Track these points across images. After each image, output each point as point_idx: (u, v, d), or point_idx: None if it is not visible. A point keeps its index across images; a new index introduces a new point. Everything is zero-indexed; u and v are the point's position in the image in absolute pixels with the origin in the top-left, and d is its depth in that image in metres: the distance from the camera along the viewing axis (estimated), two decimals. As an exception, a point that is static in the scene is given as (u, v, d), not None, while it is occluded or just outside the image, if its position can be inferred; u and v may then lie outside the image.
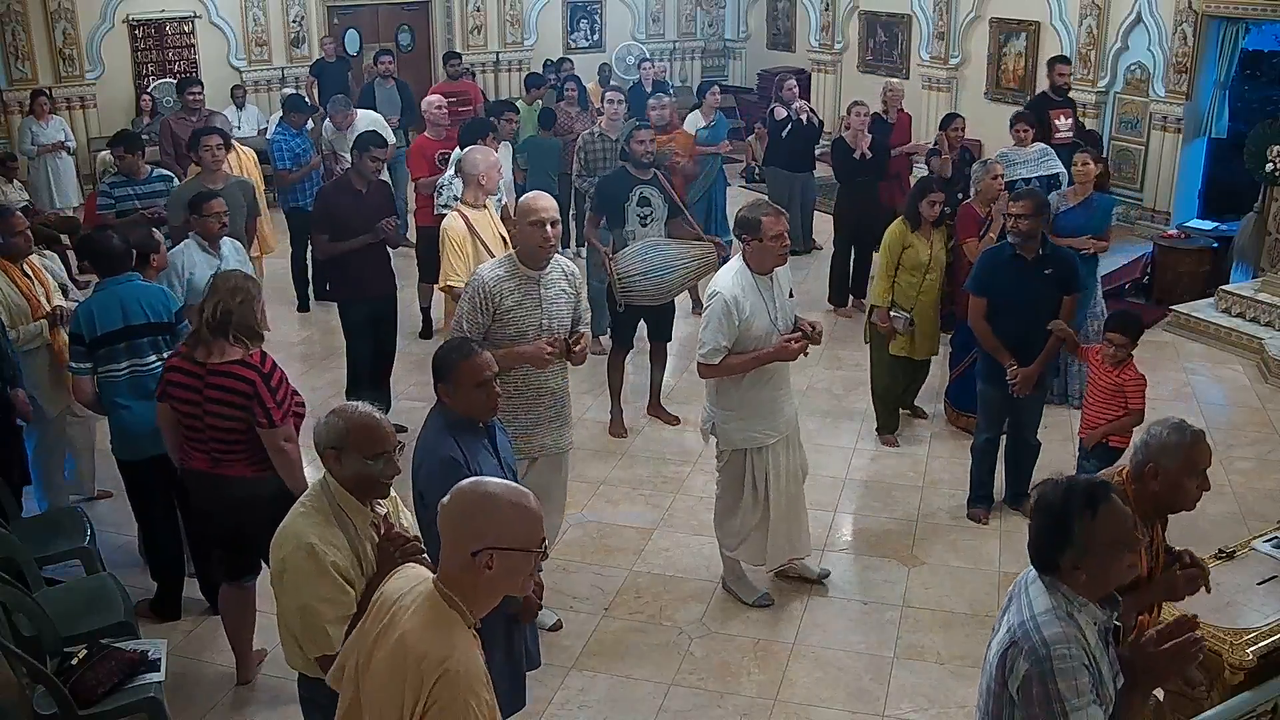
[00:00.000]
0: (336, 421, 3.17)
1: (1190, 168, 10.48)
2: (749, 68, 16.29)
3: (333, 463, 3.16)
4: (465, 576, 2.40)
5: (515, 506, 2.43)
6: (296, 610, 3.09)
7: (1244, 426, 7.02)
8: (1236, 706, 3.60)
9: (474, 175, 6.04)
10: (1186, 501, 3.36)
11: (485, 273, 4.63)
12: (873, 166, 8.82)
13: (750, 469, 5.01)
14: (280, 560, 3.11)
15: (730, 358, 4.78)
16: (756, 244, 4.76)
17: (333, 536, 3.11)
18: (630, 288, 6.48)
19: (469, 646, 2.40)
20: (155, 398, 4.52)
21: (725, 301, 4.72)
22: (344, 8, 14.02)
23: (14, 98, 11.59)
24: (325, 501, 3.16)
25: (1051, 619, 2.57)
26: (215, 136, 6.94)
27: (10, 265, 5.48)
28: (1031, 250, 5.55)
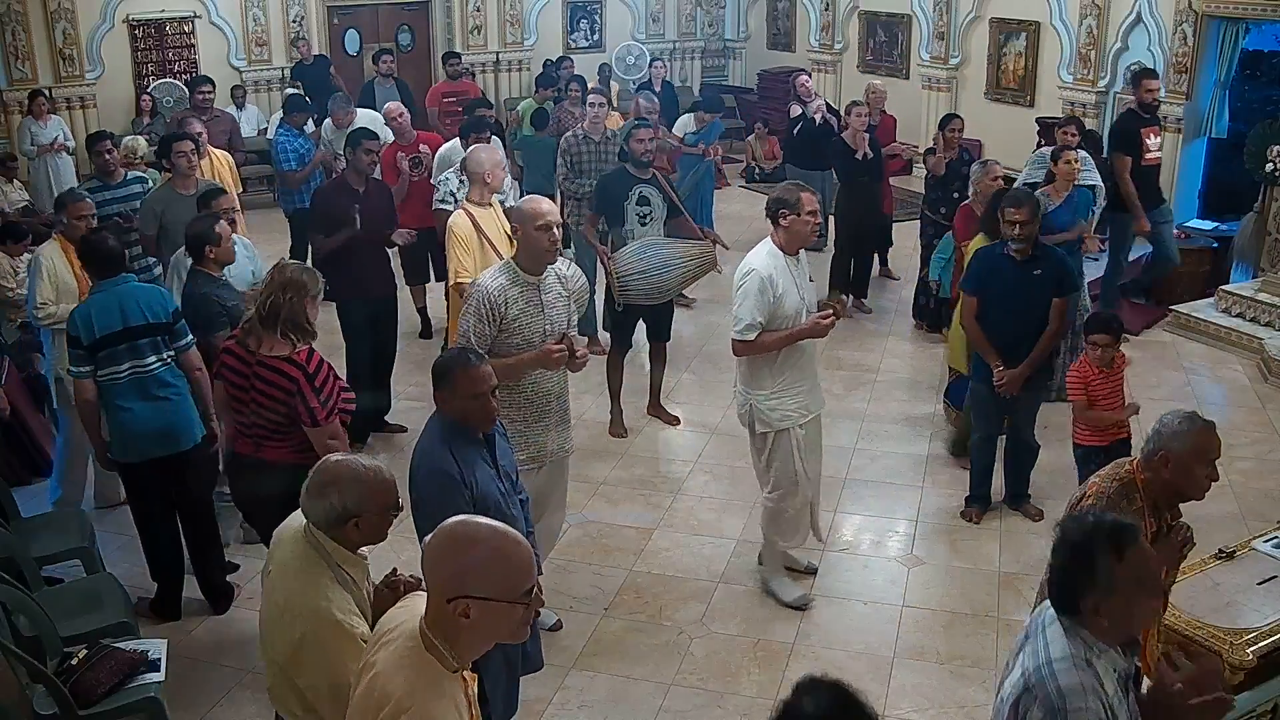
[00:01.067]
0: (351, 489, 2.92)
1: (1190, 168, 10.48)
2: (749, 68, 16.29)
3: (351, 529, 2.95)
4: (446, 621, 2.28)
5: (497, 552, 2.26)
6: (326, 686, 2.92)
7: (1244, 426, 7.02)
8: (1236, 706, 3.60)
9: (479, 173, 6.03)
10: (1196, 489, 3.42)
11: (488, 283, 4.53)
12: (873, 167, 8.82)
13: (796, 450, 5.07)
14: (298, 635, 2.92)
15: (764, 335, 4.85)
16: (794, 219, 4.82)
17: (345, 603, 2.94)
18: (628, 287, 6.48)
19: (439, 692, 2.28)
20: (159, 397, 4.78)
21: (761, 279, 4.79)
22: (344, 8, 14.01)
23: (14, 98, 11.58)
24: (323, 564, 2.96)
25: (1069, 667, 2.48)
26: (188, 142, 6.79)
27: (70, 247, 5.58)
28: (1025, 251, 5.56)
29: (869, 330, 8.67)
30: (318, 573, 2.94)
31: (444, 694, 2.29)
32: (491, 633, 2.32)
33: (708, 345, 8.31)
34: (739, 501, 6.03)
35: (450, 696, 2.31)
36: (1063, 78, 11.21)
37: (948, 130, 8.56)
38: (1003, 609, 5.17)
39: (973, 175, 7.26)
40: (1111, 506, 3.37)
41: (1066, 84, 11.17)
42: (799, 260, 4.97)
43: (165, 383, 4.92)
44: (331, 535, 2.96)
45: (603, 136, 8.13)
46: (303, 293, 4.33)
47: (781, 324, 4.86)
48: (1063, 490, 5.54)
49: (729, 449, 6.53)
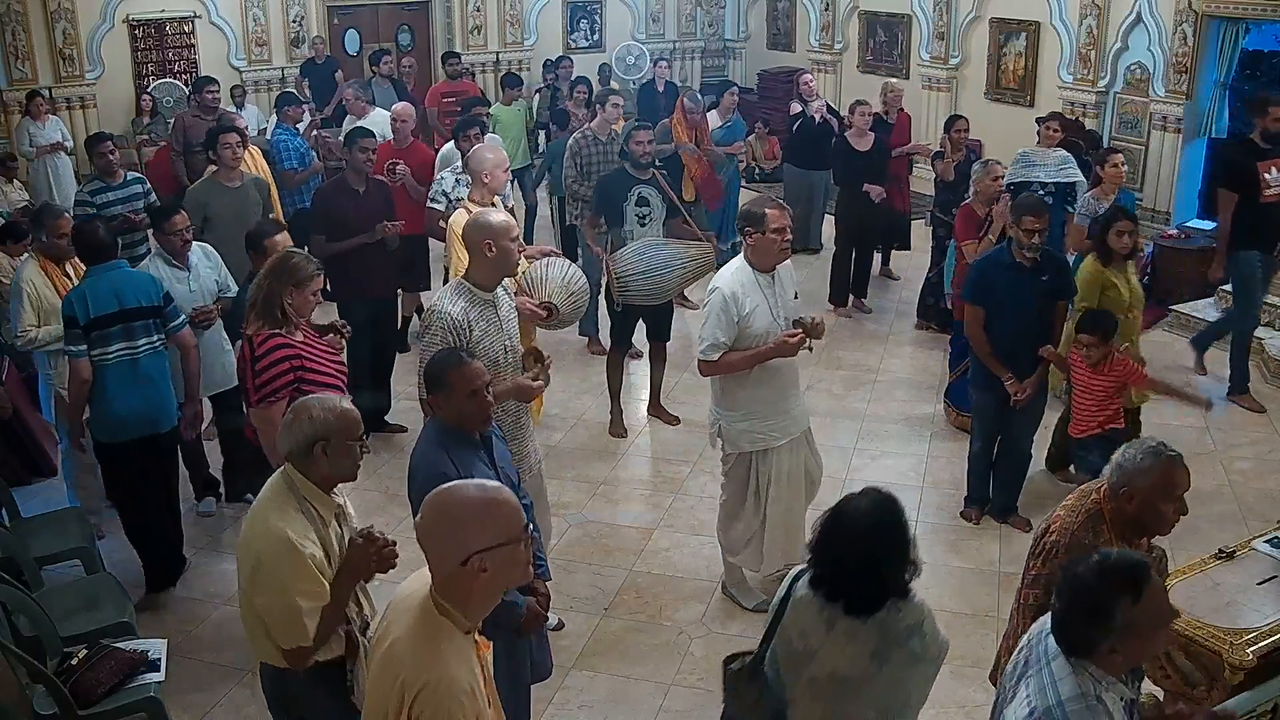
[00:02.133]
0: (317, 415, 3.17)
1: (1190, 168, 10.47)
2: (749, 68, 16.28)
3: (318, 456, 3.16)
4: (459, 584, 2.38)
5: (487, 503, 2.40)
6: (276, 605, 3.10)
7: (1244, 426, 7.02)
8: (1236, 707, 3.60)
9: (479, 173, 6.02)
10: (1162, 526, 3.24)
11: (448, 307, 4.32)
12: (874, 168, 8.81)
13: (755, 473, 4.98)
14: (254, 555, 3.11)
15: (729, 354, 4.75)
16: (759, 237, 4.73)
17: (304, 529, 3.13)
18: (628, 287, 6.48)
19: (457, 655, 2.38)
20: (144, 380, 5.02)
21: (724, 297, 4.70)
22: (344, 8, 14.02)
23: (14, 98, 11.58)
24: (290, 495, 3.17)
25: (1082, 709, 2.43)
26: (234, 134, 6.89)
27: (52, 265, 5.62)
28: (1036, 259, 5.50)
29: (869, 330, 8.67)
30: (282, 501, 3.16)
31: (458, 655, 2.38)
32: (504, 579, 2.43)
33: (708, 345, 8.31)
34: (739, 501, 6.03)
35: (466, 659, 2.40)
36: (1063, 78, 11.21)
37: (953, 131, 8.54)
38: (1002, 609, 5.15)
39: (974, 175, 7.25)
40: (1077, 541, 3.24)
41: (1066, 84, 11.16)
42: (774, 277, 4.83)
43: (150, 367, 5.10)
44: (301, 469, 3.17)
45: (609, 137, 8.09)
46: (283, 279, 4.36)
47: (751, 343, 4.73)
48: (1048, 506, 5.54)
49: (729, 449, 6.53)
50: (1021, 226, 5.45)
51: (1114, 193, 7.04)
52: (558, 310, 5.40)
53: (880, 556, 2.93)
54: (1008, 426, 5.79)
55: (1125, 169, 7.09)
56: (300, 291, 4.38)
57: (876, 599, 2.93)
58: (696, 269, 6.56)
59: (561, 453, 6.78)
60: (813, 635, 3.01)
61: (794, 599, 3.09)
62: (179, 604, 5.30)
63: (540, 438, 6.56)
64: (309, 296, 4.43)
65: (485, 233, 4.35)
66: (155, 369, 5.11)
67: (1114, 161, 7.07)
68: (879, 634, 2.93)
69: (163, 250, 5.68)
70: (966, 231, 6.88)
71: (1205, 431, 6.85)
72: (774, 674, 3.12)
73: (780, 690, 3.10)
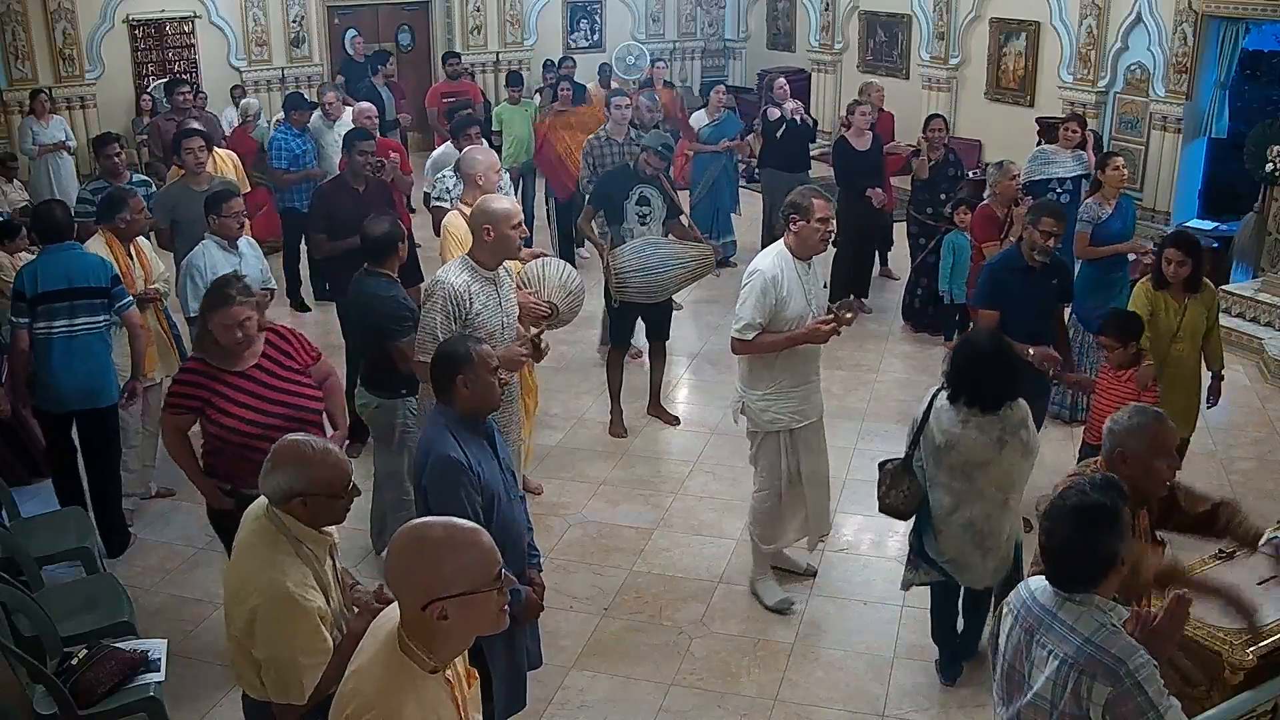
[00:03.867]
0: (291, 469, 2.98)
1: (1190, 168, 10.48)
2: (749, 68, 16.29)
3: (298, 509, 3.00)
4: (422, 627, 2.27)
5: (459, 547, 2.27)
6: (275, 661, 2.98)
7: (1244, 426, 7.02)
8: (1236, 706, 3.60)
9: (472, 174, 6.03)
10: (1158, 483, 3.43)
11: (452, 279, 4.60)
12: (874, 167, 8.81)
13: (785, 452, 5.07)
14: (250, 608, 2.96)
15: (763, 336, 4.86)
16: (804, 225, 4.83)
17: (304, 577, 2.97)
18: (625, 285, 6.49)
19: (414, 693, 2.29)
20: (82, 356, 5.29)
21: (765, 279, 4.80)
22: (344, 8, 14.02)
23: (14, 98, 11.59)
24: (281, 539, 3.00)
25: (1109, 635, 2.59)
26: (197, 138, 6.90)
27: (116, 241, 5.81)
28: (1041, 261, 5.48)
29: (869, 330, 8.66)
30: (275, 547, 2.99)
31: (415, 695, 2.29)
32: (471, 628, 2.32)
33: (708, 345, 8.31)
34: (739, 501, 6.02)
35: (424, 698, 2.30)
36: (1063, 78, 11.21)
37: (929, 130, 8.46)
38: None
39: (990, 177, 7.18)
40: None
41: (1066, 84, 11.17)
42: (810, 266, 4.97)
43: (89, 344, 5.37)
44: (285, 511, 3.01)
45: (626, 138, 8.05)
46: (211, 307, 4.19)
47: (784, 327, 4.86)
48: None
49: (729, 449, 6.53)
50: (1039, 227, 5.39)
51: (1115, 196, 6.93)
52: (557, 308, 5.43)
53: (1001, 368, 4.32)
54: None
55: (1126, 171, 7.00)
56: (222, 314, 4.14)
57: (999, 400, 4.27)
58: (694, 270, 6.56)
59: (561, 453, 6.78)
60: (952, 432, 4.32)
61: (935, 410, 4.39)
62: (179, 604, 5.30)
63: (540, 438, 6.61)
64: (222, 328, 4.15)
65: (485, 218, 4.64)
66: (95, 346, 5.39)
67: (1114, 165, 6.89)
68: (1000, 426, 4.27)
69: (216, 234, 5.85)
70: (986, 233, 6.77)
71: (1205, 431, 6.85)
72: (919, 468, 4.45)
73: (923, 479, 4.44)
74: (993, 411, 4.26)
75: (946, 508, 4.39)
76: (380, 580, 3.32)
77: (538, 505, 6.04)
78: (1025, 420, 4.30)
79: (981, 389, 4.28)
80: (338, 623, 3.10)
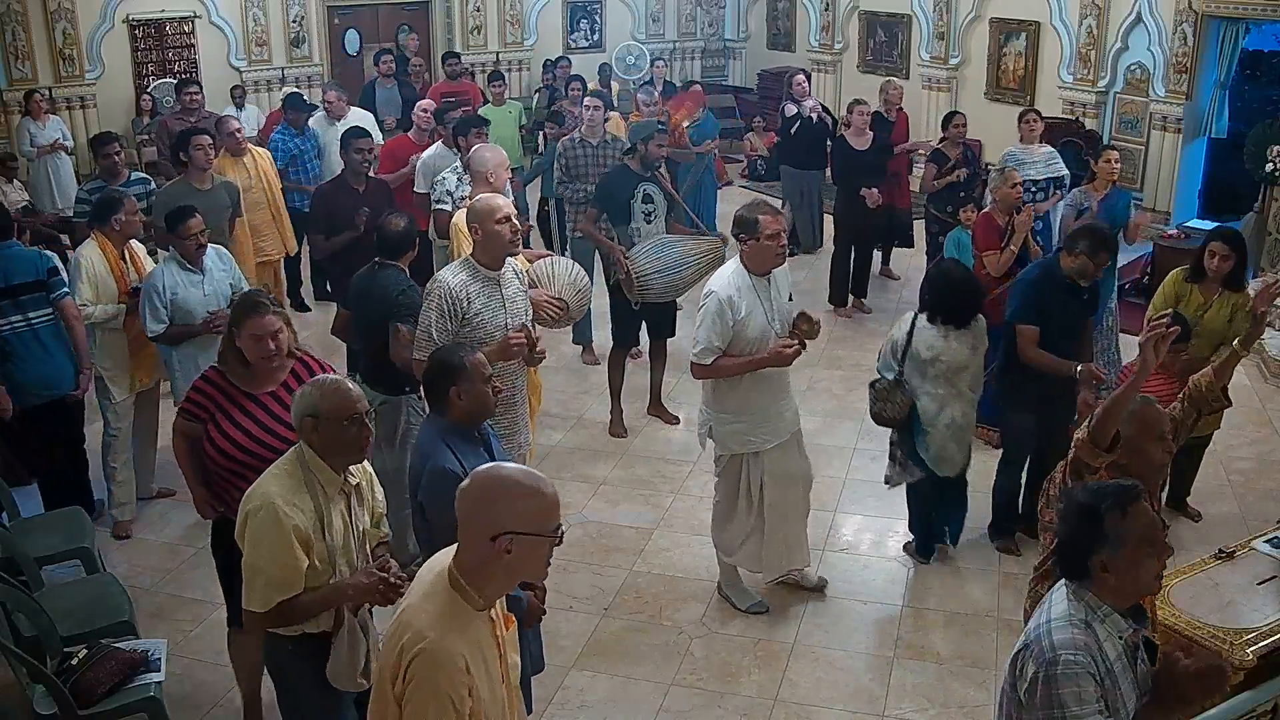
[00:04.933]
0: (310, 391, 3.29)
1: (1190, 168, 10.49)
2: (749, 68, 16.29)
3: (310, 431, 3.26)
4: (482, 560, 2.43)
5: (533, 492, 2.45)
6: (245, 566, 3.23)
7: (1244, 426, 7.02)
8: (1236, 706, 3.60)
9: (482, 172, 6.02)
10: (1150, 468, 3.47)
11: (449, 279, 4.56)
12: (873, 167, 8.81)
13: (746, 474, 4.98)
14: (245, 513, 3.23)
15: (724, 359, 4.75)
16: (754, 243, 4.73)
17: (299, 500, 3.22)
18: (648, 286, 6.48)
19: (461, 628, 2.42)
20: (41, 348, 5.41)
21: (720, 301, 4.70)
22: (344, 8, 14.01)
23: (14, 98, 11.57)
24: (298, 467, 3.28)
25: (1065, 625, 2.58)
26: (205, 136, 6.89)
27: (109, 245, 5.76)
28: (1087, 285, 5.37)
29: (869, 330, 8.66)
30: (287, 470, 3.28)
31: (464, 631, 2.43)
32: (524, 568, 2.48)
33: (708, 345, 8.31)
34: (739, 501, 6.03)
35: (472, 635, 2.44)
36: (1063, 78, 11.22)
37: (951, 127, 8.47)
38: (1003, 609, 5.17)
39: (991, 182, 7.10)
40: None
41: (1066, 84, 11.17)
42: (770, 280, 4.84)
43: (45, 336, 5.45)
44: (305, 440, 3.28)
45: (600, 140, 7.92)
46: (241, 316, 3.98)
47: (746, 347, 4.74)
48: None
49: (729, 449, 6.53)
50: (1096, 260, 5.22)
51: (1106, 188, 7.00)
52: (568, 305, 5.42)
53: (971, 292, 5.35)
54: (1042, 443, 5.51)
55: (1119, 166, 7.07)
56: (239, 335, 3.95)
57: (970, 315, 5.25)
58: (709, 264, 6.54)
59: (561, 453, 6.78)
60: (936, 345, 5.23)
61: (917, 330, 5.28)
62: (179, 604, 5.30)
63: (540, 438, 6.60)
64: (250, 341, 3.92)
65: (472, 216, 4.65)
66: (51, 338, 5.49)
67: (1108, 157, 7.03)
68: (973, 335, 5.27)
69: (176, 254, 5.60)
70: (987, 241, 6.66)
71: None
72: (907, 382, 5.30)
73: (911, 391, 5.29)
74: (965, 325, 5.22)
75: (933, 411, 5.26)
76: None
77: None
78: (985, 328, 5.36)
79: (957, 309, 5.22)
80: (332, 561, 3.29)
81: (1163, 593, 3.99)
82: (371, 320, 5.25)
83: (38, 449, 5.71)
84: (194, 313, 5.50)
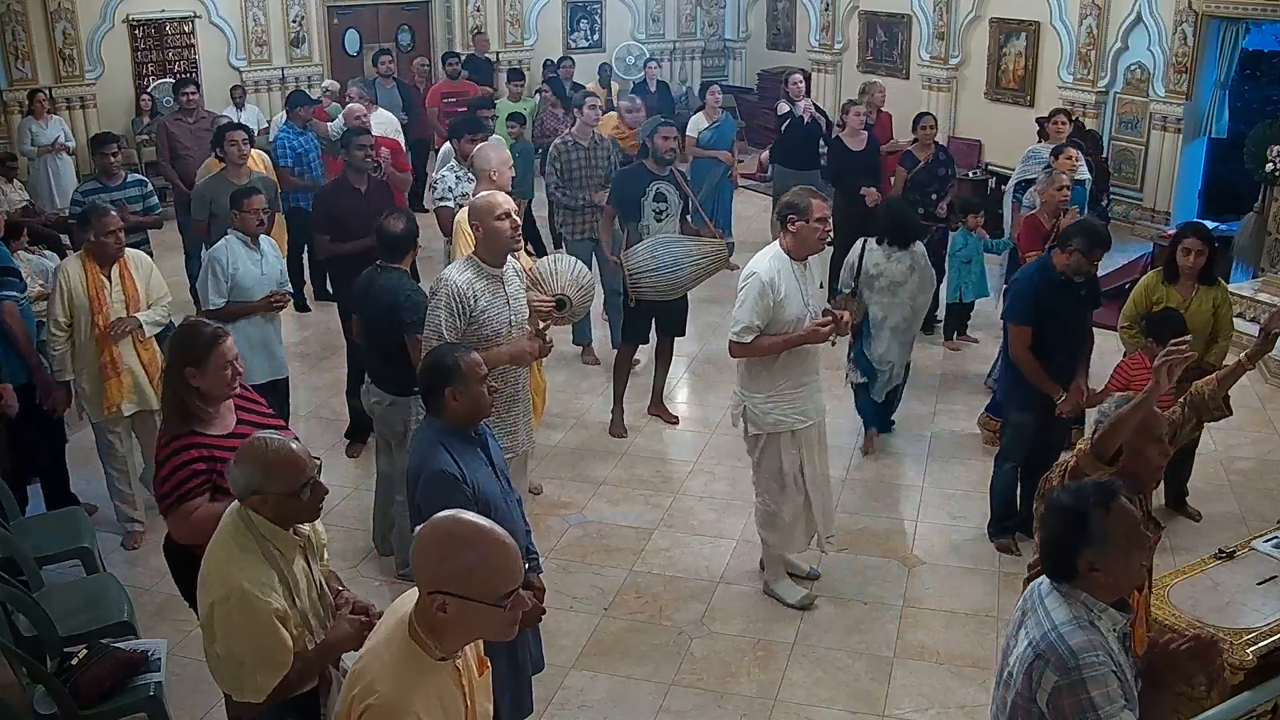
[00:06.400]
0: (250, 466, 2.95)
1: (1190, 168, 10.48)
2: (749, 68, 16.29)
3: (258, 505, 2.97)
4: (428, 614, 2.30)
5: (481, 556, 2.27)
6: (225, 658, 2.99)
7: (1244, 426, 7.01)
8: (1236, 706, 3.61)
9: (486, 170, 6.02)
10: (1149, 471, 3.44)
11: (455, 277, 4.60)
12: (868, 167, 8.79)
13: (785, 457, 5.05)
14: (209, 605, 2.97)
15: (761, 338, 4.85)
16: (802, 225, 4.81)
17: (263, 575, 2.94)
18: (640, 283, 6.49)
19: (419, 681, 2.31)
20: None
21: (762, 282, 4.79)
22: (344, 8, 14.02)
23: (14, 98, 11.58)
24: (249, 536, 2.97)
25: (1075, 629, 2.59)
26: (240, 132, 7.10)
27: (90, 262, 5.44)
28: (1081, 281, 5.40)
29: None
30: (239, 544, 2.97)
31: (421, 681, 2.31)
32: (472, 630, 2.34)
33: (708, 345, 8.32)
34: (739, 501, 6.03)
35: (431, 685, 2.33)
36: (1063, 78, 11.22)
37: (920, 128, 8.39)
38: (1003, 609, 5.16)
39: (1038, 183, 7.13)
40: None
41: (1066, 84, 11.17)
42: (807, 266, 4.95)
43: None
44: (254, 510, 2.98)
45: (592, 141, 7.82)
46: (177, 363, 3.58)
47: (782, 328, 4.84)
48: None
49: (729, 449, 6.53)
50: (1090, 257, 5.24)
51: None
52: (570, 302, 5.41)
53: (909, 220, 6.69)
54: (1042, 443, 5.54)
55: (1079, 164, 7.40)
56: (202, 371, 3.55)
57: (910, 240, 6.52)
58: (709, 265, 6.55)
59: (561, 453, 6.78)
60: (882, 264, 6.46)
61: (867, 251, 6.53)
62: (179, 604, 5.26)
63: (540, 438, 6.60)
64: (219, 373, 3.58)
65: (473, 214, 4.71)
66: None
67: (1068, 154, 7.33)
68: (911, 257, 6.48)
69: (238, 230, 5.80)
70: (1031, 243, 6.66)
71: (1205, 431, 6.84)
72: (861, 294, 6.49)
73: (865, 301, 6.48)
74: (905, 248, 6.47)
75: (879, 319, 6.48)
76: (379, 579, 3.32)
77: (538, 505, 6.04)
78: (924, 253, 6.62)
79: (898, 234, 6.48)
80: (306, 623, 3.07)
81: (1163, 593, 4.00)
82: (376, 323, 5.25)
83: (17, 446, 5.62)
84: (251, 290, 5.68)
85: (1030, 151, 8.24)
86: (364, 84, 9.95)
